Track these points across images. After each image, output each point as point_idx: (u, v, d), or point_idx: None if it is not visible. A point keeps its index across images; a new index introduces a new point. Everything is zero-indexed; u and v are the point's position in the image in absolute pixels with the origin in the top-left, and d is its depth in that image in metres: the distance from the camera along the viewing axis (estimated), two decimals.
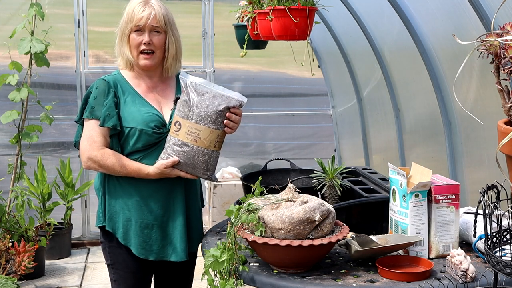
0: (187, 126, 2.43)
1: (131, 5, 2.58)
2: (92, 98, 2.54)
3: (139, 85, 2.61)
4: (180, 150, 2.45)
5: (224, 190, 5.13)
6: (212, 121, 2.43)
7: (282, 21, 2.76)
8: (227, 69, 5.86)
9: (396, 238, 2.24)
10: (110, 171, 2.53)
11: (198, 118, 2.42)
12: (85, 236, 5.54)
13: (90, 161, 2.53)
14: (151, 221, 2.56)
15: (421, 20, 3.82)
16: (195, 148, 2.45)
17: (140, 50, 2.55)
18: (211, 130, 2.43)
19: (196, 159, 2.47)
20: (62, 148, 5.51)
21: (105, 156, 2.50)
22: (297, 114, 6.04)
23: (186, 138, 2.44)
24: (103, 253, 2.70)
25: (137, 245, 2.56)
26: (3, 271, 4.19)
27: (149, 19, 2.53)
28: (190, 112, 2.42)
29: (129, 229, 2.57)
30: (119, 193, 2.57)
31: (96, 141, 2.52)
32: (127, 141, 2.54)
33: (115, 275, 2.65)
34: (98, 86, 2.55)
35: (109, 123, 2.50)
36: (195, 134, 2.43)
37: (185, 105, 2.44)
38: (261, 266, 2.21)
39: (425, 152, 4.31)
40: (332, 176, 2.65)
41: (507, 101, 1.50)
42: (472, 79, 3.41)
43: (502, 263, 1.43)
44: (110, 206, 2.59)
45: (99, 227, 2.65)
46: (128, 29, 2.55)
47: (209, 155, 2.47)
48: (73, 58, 5.37)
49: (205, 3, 5.50)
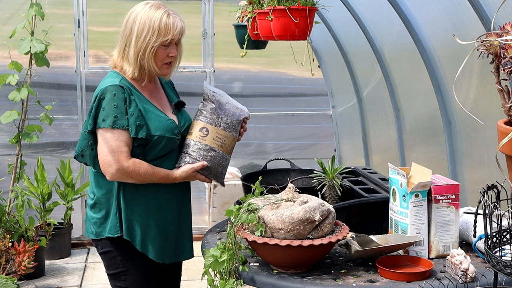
0: (215, 133, 2.56)
1: (156, 15, 2.46)
2: (112, 106, 2.42)
3: (143, 90, 2.56)
4: (208, 155, 2.55)
5: (224, 190, 5.13)
6: (235, 129, 2.61)
7: (282, 21, 2.76)
8: (227, 69, 5.86)
9: (396, 238, 2.25)
10: (140, 180, 2.47)
11: (225, 126, 2.57)
12: (85, 236, 5.52)
13: (120, 172, 2.43)
14: (168, 225, 2.57)
15: (421, 20, 3.82)
16: (221, 153, 2.57)
17: (165, 62, 2.53)
18: (233, 138, 2.61)
19: (219, 164, 2.59)
20: (62, 148, 5.51)
21: (137, 166, 2.45)
22: (297, 114, 6.04)
23: (214, 144, 2.55)
24: (110, 262, 2.58)
25: (156, 250, 2.55)
26: (3, 271, 4.19)
27: (180, 34, 2.51)
28: (218, 119, 2.56)
29: (147, 236, 2.53)
30: (137, 200, 2.52)
31: (123, 151, 2.44)
32: (153, 149, 2.50)
33: (126, 281, 2.57)
34: (116, 93, 2.44)
35: (141, 134, 2.44)
36: (222, 140, 2.57)
37: (213, 112, 2.57)
38: (261, 266, 2.21)
39: (425, 152, 4.30)
40: (332, 176, 2.65)
41: (507, 101, 1.50)
42: (472, 79, 3.41)
43: (502, 263, 1.43)
44: (128, 215, 2.51)
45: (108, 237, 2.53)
46: (158, 42, 2.46)
47: (228, 161, 2.64)
48: (73, 58, 5.36)
49: (205, 3, 5.50)
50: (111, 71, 2.58)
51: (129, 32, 2.49)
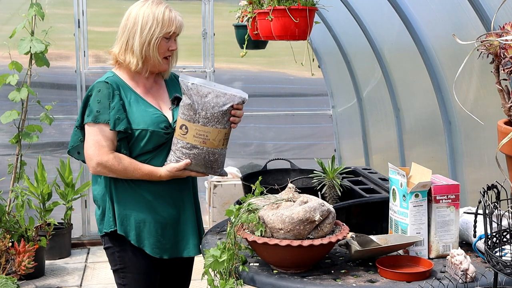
0: (195, 129, 2.46)
1: (159, 9, 2.55)
2: (96, 101, 2.51)
3: (137, 86, 2.61)
4: (190, 153, 2.48)
5: (224, 190, 5.13)
6: (219, 121, 2.47)
7: (282, 21, 2.76)
8: (227, 69, 5.86)
9: (396, 238, 2.24)
10: (121, 175, 2.52)
11: (204, 121, 2.46)
12: (85, 236, 5.54)
13: (100, 166, 2.50)
14: (164, 220, 2.58)
15: (421, 20, 3.82)
16: (205, 149, 2.49)
17: (165, 55, 2.58)
18: (218, 130, 2.48)
19: (207, 160, 2.51)
20: (62, 148, 5.51)
21: (117, 161, 2.49)
22: (297, 114, 6.04)
23: (195, 141, 2.47)
24: (110, 259, 2.65)
25: (152, 245, 2.57)
26: (3, 271, 4.19)
27: (181, 27, 2.59)
28: (196, 115, 2.45)
29: (142, 230, 2.56)
30: (130, 195, 2.56)
31: (105, 145, 2.49)
32: (137, 143, 2.53)
33: (124, 279, 2.61)
34: (101, 89, 2.52)
35: (120, 126, 2.48)
36: (203, 136, 2.47)
37: (190, 108, 2.46)
38: (261, 266, 2.21)
39: (425, 152, 4.31)
40: (332, 176, 2.65)
41: (507, 101, 1.49)
42: (472, 79, 3.41)
43: (502, 263, 1.43)
44: (120, 210, 2.56)
45: (107, 232, 2.59)
46: (162, 33, 2.54)
47: (218, 154, 2.53)
48: (73, 58, 5.37)
49: (205, 3, 5.50)
50: (109, 71, 2.64)
51: (132, 25, 2.55)
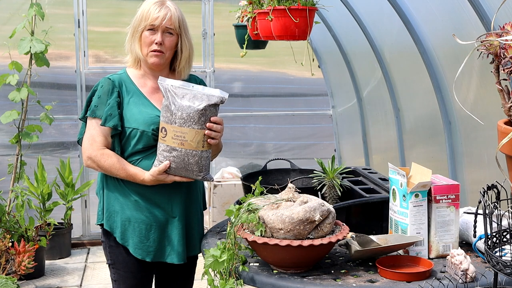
0: (172, 131, 2.42)
1: (147, 3, 2.57)
2: (96, 97, 2.55)
3: (145, 85, 2.61)
4: (170, 156, 2.44)
5: (224, 190, 5.13)
6: (195, 121, 2.41)
7: (282, 21, 2.75)
8: (227, 69, 5.86)
9: (396, 238, 2.24)
10: (107, 172, 2.54)
11: (181, 121, 2.41)
12: (85, 236, 5.54)
13: (89, 160, 2.55)
14: (150, 222, 2.56)
15: (421, 20, 3.82)
16: (184, 151, 2.43)
17: (151, 49, 2.55)
18: (196, 131, 2.42)
19: (187, 162, 2.45)
20: (62, 148, 5.51)
21: (104, 157, 2.51)
22: (297, 114, 6.04)
23: (173, 143, 2.43)
24: (104, 253, 2.70)
25: (135, 245, 2.56)
26: (3, 271, 4.19)
27: (164, 19, 2.52)
28: (172, 116, 2.41)
29: (127, 229, 2.57)
30: (119, 192, 2.58)
31: (97, 140, 2.53)
32: (128, 142, 2.54)
33: (115, 275, 2.65)
34: (103, 85, 2.56)
35: (110, 123, 2.50)
36: (181, 137, 2.42)
37: (167, 110, 2.43)
38: (261, 266, 2.21)
39: (425, 152, 4.31)
40: (332, 176, 2.65)
41: (507, 101, 1.50)
42: (472, 79, 3.41)
43: (502, 263, 1.43)
44: (109, 205, 2.59)
45: (100, 225, 2.65)
46: (142, 27, 2.54)
47: (199, 156, 2.45)
48: (73, 58, 5.37)
49: (205, 3, 5.50)
50: (123, 68, 2.70)
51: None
